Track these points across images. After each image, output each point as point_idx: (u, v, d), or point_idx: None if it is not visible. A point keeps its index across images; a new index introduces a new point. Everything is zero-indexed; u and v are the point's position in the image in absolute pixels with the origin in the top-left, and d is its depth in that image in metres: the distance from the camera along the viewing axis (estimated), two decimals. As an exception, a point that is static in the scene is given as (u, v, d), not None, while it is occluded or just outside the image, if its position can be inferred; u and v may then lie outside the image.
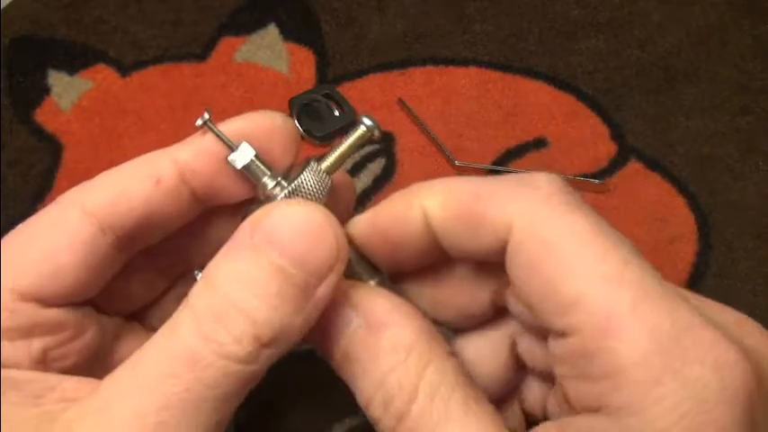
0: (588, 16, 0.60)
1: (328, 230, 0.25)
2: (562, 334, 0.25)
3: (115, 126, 0.55)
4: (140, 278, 0.33)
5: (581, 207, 0.26)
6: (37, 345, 0.27)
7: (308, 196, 0.28)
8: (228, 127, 0.29)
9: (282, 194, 0.28)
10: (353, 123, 0.30)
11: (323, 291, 0.25)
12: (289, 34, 0.60)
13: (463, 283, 0.30)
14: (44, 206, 0.29)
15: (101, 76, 0.57)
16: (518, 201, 0.26)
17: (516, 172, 0.52)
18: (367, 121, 0.30)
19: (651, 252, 0.49)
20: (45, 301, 0.28)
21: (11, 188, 0.52)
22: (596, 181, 0.51)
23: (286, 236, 0.25)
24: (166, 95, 0.56)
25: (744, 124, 0.55)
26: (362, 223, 0.30)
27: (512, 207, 0.26)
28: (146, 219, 0.29)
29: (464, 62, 0.58)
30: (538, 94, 0.56)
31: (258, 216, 0.25)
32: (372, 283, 0.30)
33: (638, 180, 0.52)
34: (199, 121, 0.29)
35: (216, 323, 0.24)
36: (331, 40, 0.59)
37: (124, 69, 0.58)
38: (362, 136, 0.30)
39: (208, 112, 0.29)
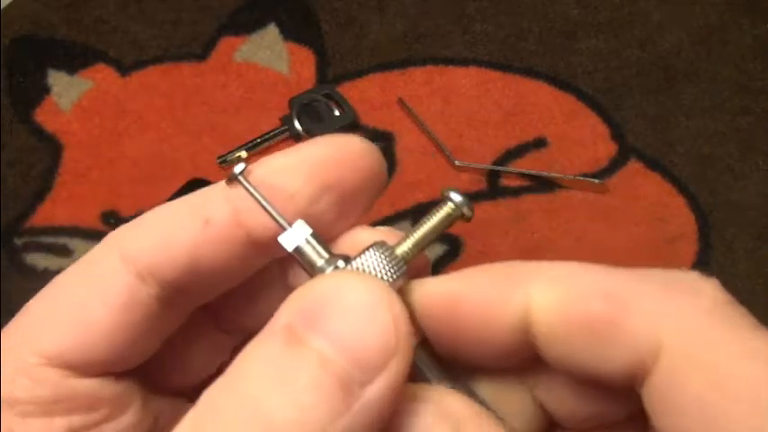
0: (588, 16, 0.60)
1: (384, 309, 0.18)
2: None
3: (115, 126, 0.55)
4: (200, 347, 0.26)
5: (750, 321, 0.19)
6: (60, 424, 0.22)
7: None
8: (294, 157, 0.23)
9: None
10: (354, 124, 0.25)
11: (374, 392, 0.18)
12: (289, 34, 0.60)
13: (562, 393, 0.22)
14: (44, 206, 0.26)
15: (101, 76, 0.57)
16: (671, 310, 0.19)
17: (516, 172, 0.52)
18: (455, 197, 0.22)
19: (651, 252, 0.49)
20: (76, 369, 0.22)
21: (11, 188, 0.52)
22: (596, 181, 0.51)
23: (328, 312, 0.19)
24: (166, 95, 0.56)
25: (744, 124, 0.55)
26: (430, 297, 0.21)
27: (662, 318, 0.19)
28: (193, 266, 0.23)
29: (464, 62, 0.58)
30: (538, 94, 0.56)
31: (298, 293, 0.19)
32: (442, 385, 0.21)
33: (638, 180, 0.52)
34: (237, 168, 0.22)
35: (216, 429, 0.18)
36: (331, 40, 0.59)
37: (124, 69, 0.58)
38: (450, 216, 0.22)
39: (240, 167, 0.22)
